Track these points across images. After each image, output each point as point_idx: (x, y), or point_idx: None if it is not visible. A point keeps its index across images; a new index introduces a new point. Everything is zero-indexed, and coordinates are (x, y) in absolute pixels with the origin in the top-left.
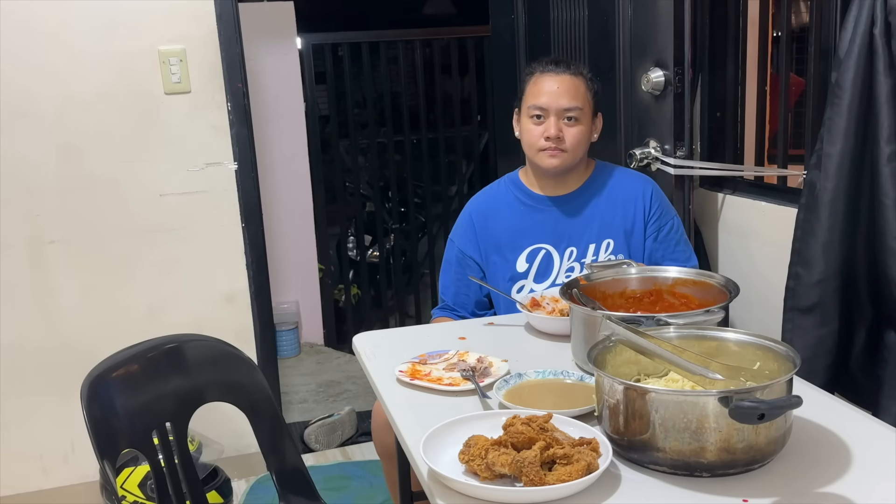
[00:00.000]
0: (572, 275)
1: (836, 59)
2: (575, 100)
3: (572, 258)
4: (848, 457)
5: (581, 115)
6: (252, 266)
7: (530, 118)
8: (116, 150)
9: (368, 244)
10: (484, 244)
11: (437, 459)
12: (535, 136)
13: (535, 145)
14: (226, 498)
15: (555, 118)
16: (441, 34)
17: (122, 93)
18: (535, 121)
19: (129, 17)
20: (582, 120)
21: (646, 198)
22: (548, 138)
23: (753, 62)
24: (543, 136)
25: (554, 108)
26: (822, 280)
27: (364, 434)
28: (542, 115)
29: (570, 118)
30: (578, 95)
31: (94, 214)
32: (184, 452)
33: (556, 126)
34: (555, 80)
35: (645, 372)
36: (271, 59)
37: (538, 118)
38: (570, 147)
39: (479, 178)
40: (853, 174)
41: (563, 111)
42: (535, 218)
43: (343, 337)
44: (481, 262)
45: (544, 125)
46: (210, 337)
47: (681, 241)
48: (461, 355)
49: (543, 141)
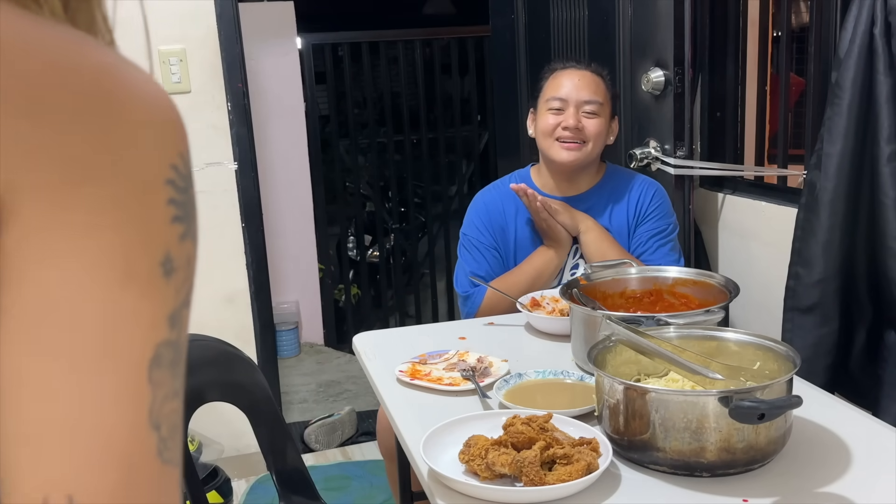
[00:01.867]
0: (577, 272)
1: (836, 59)
2: (596, 94)
3: (577, 255)
4: (848, 457)
5: (600, 110)
6: (252, 266)
7: (549, 110)
8: None
9: (368, 244)
10: (496, 235)
11: (437, 459)
12: (552, 124)
13: (552, 134)
14: (226, 498)
15: (574, 109)
16: (441, 34)
17: None
18: (553, 112)
19: (129, 17)
20: (601, 115)
21: (646, 197)
22: (566, 128)
23: (753, 62)
24: (561, 125)
25: (574, 100)
26: (822, 280)
27: (364, 434)
28: (562, 106)
29: (590, 112)
30: (599, 91)
31: None
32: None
33: (576, 117)
34: (576, 75)
35: (645, 372)
36: (271, 59)
37: (557, 110)
38: (591, 137)
39: (479, 178)
40: (853, 174)
41: (583, 102)
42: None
43: (343, 337)
44: (498, 249)
45: (563, 116)
46: (210, 337)
47: (675, 248)
48: (461, 355)
49: (561, 130)
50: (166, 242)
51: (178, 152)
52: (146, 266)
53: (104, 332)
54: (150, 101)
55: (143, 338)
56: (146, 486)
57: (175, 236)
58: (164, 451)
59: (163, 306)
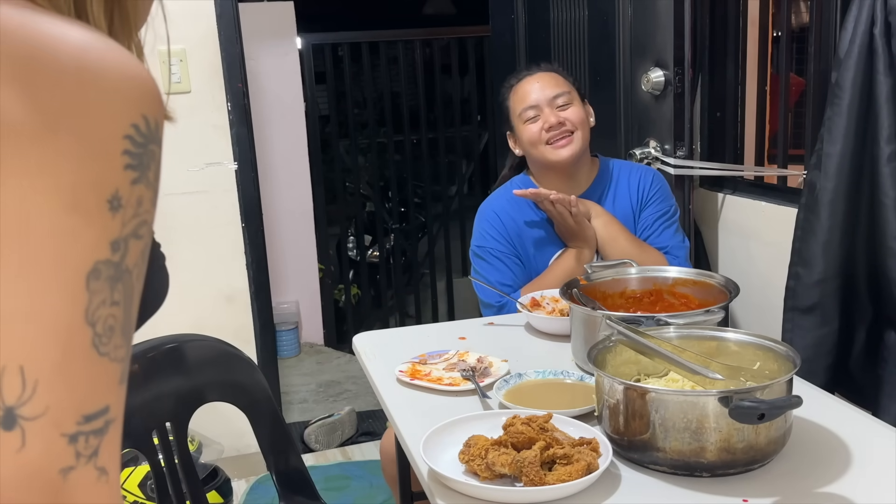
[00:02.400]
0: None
1: (836, 59)
2: (560, 86)
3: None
4: (848, 457)
5: (571, 98)
6: (252, 266)
7: (525, 122)
8: None
9: (368, 244)
10: (515, 242)
11: (437, 459)
12: (536, 132)
13: (539, 140)
14: (226, 498)
15: (548, 109)
16: (441, 34)
17: None
18: (531, 122)
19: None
20: (574, 102)
21: (645, 181)
22: (550, 127)
23: (753, 62)
24: (544, 128)
25: (544, 100)
26: (822, 280)
27: (364, 434)
28: (536, 112)
29: (563, 104)
30: (560, 83)
31: None
32: (184, 452)
33: (554, 114)
34: (533, 79)
35: (645, 372)
36: (271, 59)
37: (533, 118)
38: (576, 125)
39: (479, 178)
40: (853, 174)
41: (552, 98)
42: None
43: (343, 337)
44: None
45: (541, 119)
46: (210, 337)
47: (673, 226)
48: (461, 355)
49: (545, 133)
50: (116, 184)
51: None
52: (94, 200)
53: (50, 245)
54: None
55: (83, 254)
56: (82, 367)
57: (126, 181)
58: (99, 346)
59: (105, 232)
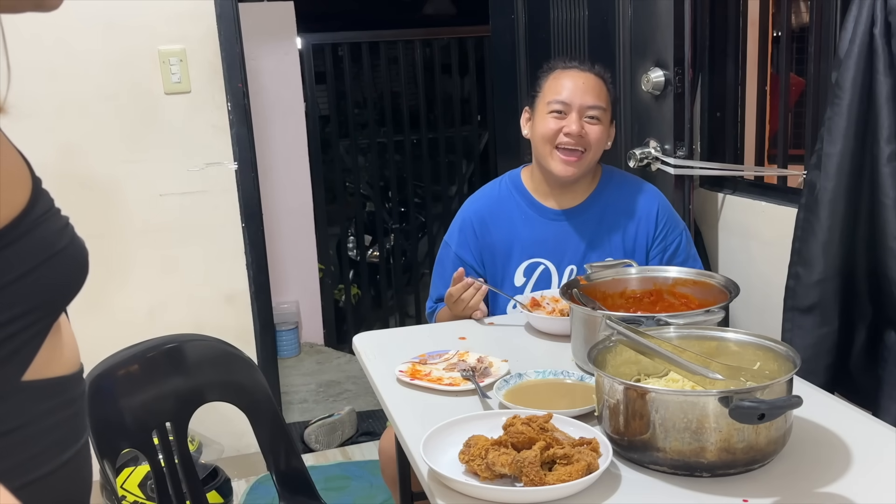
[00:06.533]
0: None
1: (836, 59)
2: (599, 99)
3: (573, 275)
4: (848, 457)
5: (602, 115)
6: (252, 266)
7: (549, 113)
8: (116, 150)
9: (368, 244)
10: (483, 251)
11: (437, 459)
12: (553, 130)
13: (552, 140)
14: (226, 498)
15: (577, 115)
16: (441, 34)
17: (122, 93)
18: (554, 115)
19: (129, 17)
20: (603, 121)
21: (650, 218)
22: (568, 134)
23: (753, 62)
24: (563, 131)
25: (577, 105)
26: (822, 280)
27: (364, 434)
28: (564, 110)
29: (593, 117)
30: (602, 96)
31: (94, 214)
32: (184, 452)
33: (578, 123)
34: (579, 76)
35: (645, 372)
36: (271, 59)
37: (559, 113)
38: (592, 145)
39: (479, 178)
40: (853, 174)
41: (586, 108)
42: (536, 230)
43: (343, 337)
44: (479, 269)
45: (565, 121)
46: (210, 337)
47: (688, 259)
48: (461, 355)
49: (563, 136)
50: None
51: None
52: None
53: None
54: None
55: None
56: None
57: None
58: None
59: None
